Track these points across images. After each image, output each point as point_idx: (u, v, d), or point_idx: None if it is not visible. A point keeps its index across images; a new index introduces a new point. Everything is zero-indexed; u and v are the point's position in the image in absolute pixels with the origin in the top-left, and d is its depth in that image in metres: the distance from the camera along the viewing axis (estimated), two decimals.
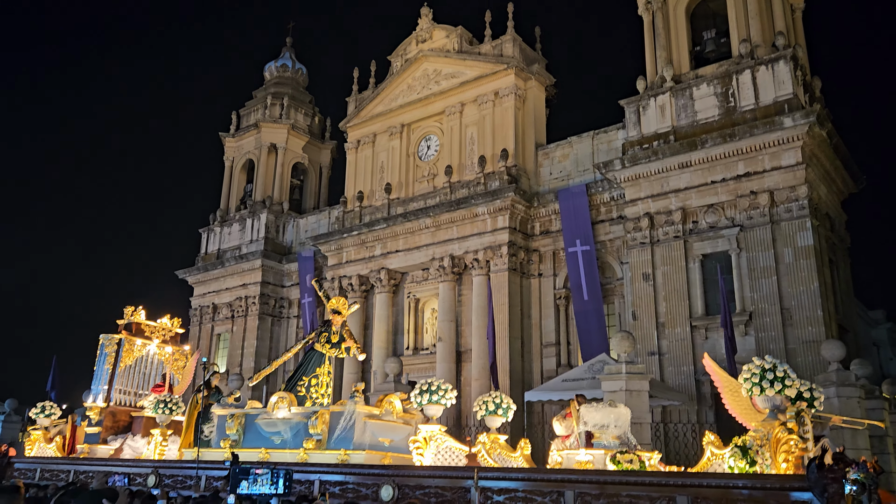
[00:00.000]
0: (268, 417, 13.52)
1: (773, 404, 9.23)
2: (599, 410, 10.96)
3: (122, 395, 19.59)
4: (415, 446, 12.04)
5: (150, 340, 20.35)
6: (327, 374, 14.74)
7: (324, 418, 12.89)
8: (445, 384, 12.53)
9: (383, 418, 13.06)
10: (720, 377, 10.80)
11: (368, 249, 31.34)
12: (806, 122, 21.03)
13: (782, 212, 21.51)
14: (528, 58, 30.50)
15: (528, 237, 28.00)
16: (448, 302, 28.43)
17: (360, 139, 33.87)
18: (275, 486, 6.02)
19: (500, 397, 12.65)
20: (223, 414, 14.56)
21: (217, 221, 39.21)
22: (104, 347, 19.75)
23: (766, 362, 9.21)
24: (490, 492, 10.10)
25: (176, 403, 16.86)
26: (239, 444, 13.88)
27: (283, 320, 36.48)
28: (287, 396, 13.52)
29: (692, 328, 22.17)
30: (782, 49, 22.68)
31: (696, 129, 23.45)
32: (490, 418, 12.54)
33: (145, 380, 20.15)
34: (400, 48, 33.69)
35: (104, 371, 19.45)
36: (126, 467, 15.38)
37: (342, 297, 15.84)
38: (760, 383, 9.09)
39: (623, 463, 9.94)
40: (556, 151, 28.91)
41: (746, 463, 9.11)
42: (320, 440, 12.76)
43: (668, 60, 24.98)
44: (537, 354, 26.63)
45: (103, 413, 18.86)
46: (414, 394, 12.50)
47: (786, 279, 20.99)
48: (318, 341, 14.71)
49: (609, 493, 9.18)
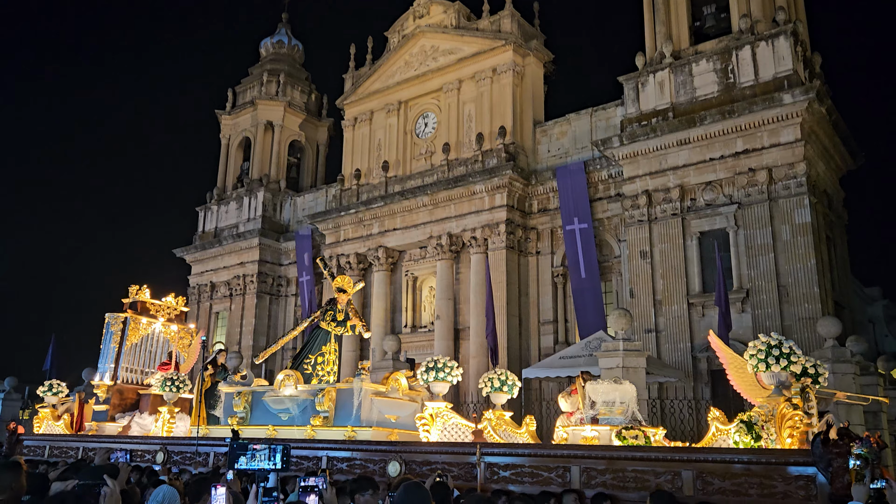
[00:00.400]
0: (275, 395, 13.62)
1: (778, 380, 9.26)
2: (605, 387, 10.99)
3: (129, 374, 19.72)
4: (421, 423, 12.11)
5: (155, 319, 20.44)
6: (333, 352, 14.81)
7: (330, 395, 13.04)
8: (451, 361, 12.59)
9: (389, 395, 13.18)
10: (725, 354, 10.81)
11: (366, 228, 31.29)
12: (805, 99, 20.92)
13: (780, 189, 21.48)
14: (526, 34, 30.22)
15: (525, 215, 27.96)
16: (446, 280, 28.46)
17: (357, 116, 33.66)
18: (272, 461, 6.06)
19: (505, 374, 12.67)
20: (230, 391, 14.69)
21: (214, 200, 39.08)
22: (110, 326, 19.82)
23: (771, 339, 9.23)
24: (496, 467, 10.16)
25: (183, 381, 16.97)
26: (246, 421, 14.03)
27: (280, 298, 36.52)
28: (293, 374, 13.63)
29: (689, 305, 22.24)
30: (783, 24, 22.49)
31: (695, 106, 23.33)
32: (495, 395, 12.57)
33: (151, 358, 20.27)
34: (397, 24, 33.36)
35: (110, 349, 19.54)
36: (134, 444, 15.59)
37: (347, 276, 15.83)
38: (766, 359, 9.12)
39: (628, 439, 9.99)
40: (555, 129, 28.77)
41: (751, 438, 9.14)
42: (327, 417, 12.93)
43: (668, 36, 24.77)
44: (535, 332, 26.72)
45: (110, 391, 19.02)
46: (420, 371, 12.55)
47: (783, 256, 21.01)
48: (323, 319, 14.74)
49: (615, 469, 9.23)
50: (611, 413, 10.75)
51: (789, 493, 8.06)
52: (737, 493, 8.37)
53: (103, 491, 4.22)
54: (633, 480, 8.92)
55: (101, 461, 9.97)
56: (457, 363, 12.81)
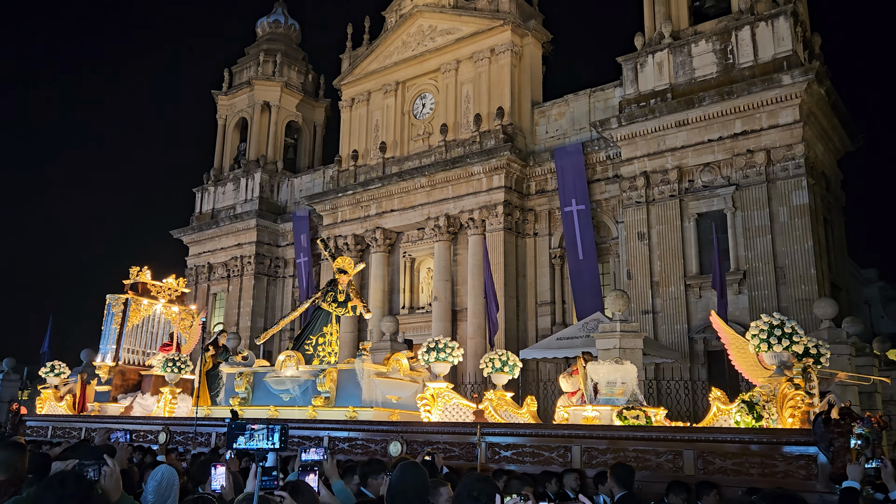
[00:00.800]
0: (276, 375, 13.63)
1: (780, 360, 9.26)
2: (606, 367, 11.02)
3: (130, 355, 19.71)
4: (422, 403, 12.12)
5: (156, 300, 20.39)
6: (334, 332, 14.81)
7: (332, 376, 13.04)
8: (452, 342, 12.58)
9: (391, 376, 13.20)
10: (727, 334, 10.84)
11: (363, 209, 31.25)
12: (805, 80, 20.84)
13: (778, 170, 21.46)
14: (524, 13, 29.99)
15: (523, 196, 27.92)
16: (443, 261, 28.48)
17: (355, 97, 33.48)
18: (271, 440, 6.11)
19: (506, 355, 12.70)
20: (231, 372, 14.68)
21: (211, 181, 38.96)
22: (111, 307, 19.78)
23: (773, 318, 9.23)
24: (498, 447, 10.20)
25: (184, 362, 16.96)
26: (248, 401, 14.06)
27: (278, 280, 36.55)
28: (294, 355, 13.63)
29: (686, 287, 22.30)
30: (782, 4, 22.34)
31: (694, 87, 23.23)
32: (496, 375, 12.60)
33: (153, 339, 20.25)
34: (395, 3, 33.07)
35: (112, 331, 19.51)
36: (137, 425, 15.65)
37: (348, 257, 15.80)
38: (768, 339, 9.12)
39: (629, 419, 10.02)
40: (553, 110, 28.65)
41: (753, 418, 9.15)
42: (328, 398, 12.94)
43: (667, 16, 24.60)
44: (532, 313, 26.80)
45: (112, 372, 19.02)
46: (421, 351, 12.56)
47: (780, 238, 21.04)
48: (324, 300, 14.70)
49: (616, 449, 9.25)
50: (612, 393, 10.77)
51: (790, 472, 8.08)
52: (738, 473, 8.38)
53: (103, 470, 4.25)
54: (635, 460, 8.90)
55: (101, 441, 10.02)
56: (458, 344, 12.81)
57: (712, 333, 21.34)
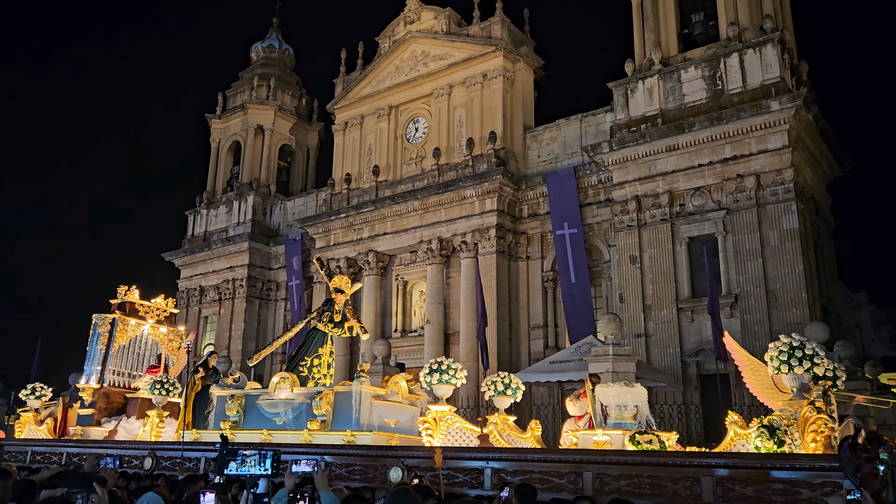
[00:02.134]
0: (269, 398, 13.11)
1: (800, 383, 9.02)
2: (616, 390, 10.73)
3: (116, 377, 19.12)
4: (424, 427, 11.76)
5: (144, 321, 19.86)
6: (329, 354, 14.36)
7: (328, 399, 12.50)
8: (455, 363, 12.26)
9: (389, 399, 12.73)
10: (741, 356, 10.63)
11: (356, 232, 31.28)
12: (793, 106, 21.13)
13: (768, 195, 21.65)
14: (516, 40, 30.36)
15: (515, 220, 28.04)
16: (436, 284, 28.47)
17: (348, 121, 33.67)
18: (263, 466, 6.05)
19: (508, 377, 12.38)
20: (222, 395, 14.13)
21: (203, 203, 38.95)
22: (97, 327, 19.20)
23: (793, 339, 9.01)
24: (504, 473, 9.80)
25: (172, 384, 16.46)
26: (239, 425, 13.53)
27: (270, 303, 36.42)
28: (289, 377, 13.11)
29: (679, 310, 22.35)
30: (770, 32, 22.71)
31: (684, 112, 23.50)
32: (498, 399, 12.27)
33: (139, 361, 19.68)
34: (388, 29, 33.42)
35: (97, 351, 18.95)
36: (121, 449, 15.05)
37: (345, 276, 15.38)
38: (789, 361, 8.89)
39: (642, 443, 9.73)
40: (545, 134, 28.89)
41: (774, 443, 8.83)
42: (325, 421, 12.41)
43: (657, 43, 24.95)
44: (525, 336, 26.77)
45: (97, 394, 18.41)
46: (423, 373, 12.24)
47: (771, 262, 21.17)
48: (320, 321, 14.27)
49: (630, 475, 8.88)
50: (622, 417, 10.49)
51: (815, 499, 7.75)
52: (759, 501, 7.99)
53: (92, 499, 4.20)
54: (650, 487, 8.54)
55: (90, 468, 9.87)
56: (461, 366, 12.50)
57: (705, 357, 21.41)
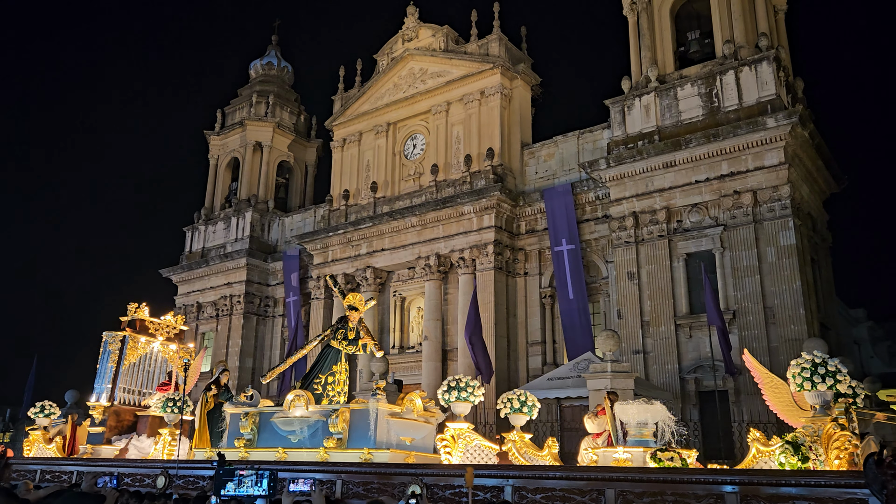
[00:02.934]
0: (284, 416, 12.98)
1: (823, 400, 8.98)
2: (636, 407, 10.65)
3: (126, 394, 18.87)
4: (442, 445, 11.62)
5: (154, 338, 19.60)
6: (344, 371, 14.20)
7: (344, 416, 12.36)
8: (473, 381, 12.14)
9: (405, 416, 12.62)
10: (760, 373, 10.63)
11: (354, 248, 31.29)
12: (788, 123, 21.25)
13: (765, 211, 21.72)
14: (513, 57, 30.57)
15: (513, 236, 28.08)
16: (434, 300, 28.45)
17: (346, 137, 33.81)
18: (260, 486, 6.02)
19: (524, 395, 12.24)
20: (236, 412, 13.94)
21: (202, 220, 38.98)
22: (108, 345, 18.96)
23: (816, 356, 8.97)
24: (525, 491, 9.69)
25: (185, 402, 16.21)
26: (253, 443, 13.43)
27: (268, 319, 36.34)
28: (304, 394, 13.03)
29: (677, 327, 22.33)
30: (765, 50, 22.90)
31: (681, 129, 23.62)
32: (514, 416, 12.11)
33: (149, 378, 19.42)
34: (386, 47, 33.65)
35: (108, 369, 18.69)
36: (133, 468, 14.84)
37: (358, 293, 15.27)
38: (812, 378, 8.85)
39: (664, 461, 9.62)
40: (542, 151, 29.01)
41: (798, 459, 8.77)
42: (341, 439, 12.27)
43: (653, 61, 25.14)
44: (523, 353, 26.72)
45: (107, 412, 18.16)
46: (441, 390, 12.14)
47: (769, 278, 21.20)
48: (334, 338, 14.16)
49: (653, 492, 8.77)
50: (641, 434, 10.38)
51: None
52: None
53: None
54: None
55: (88, 486, 9.81)
56: (479, 383, 12.33)
57: (703, 373, 21.36)
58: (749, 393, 20.41)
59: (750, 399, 20.19)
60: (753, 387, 20.51)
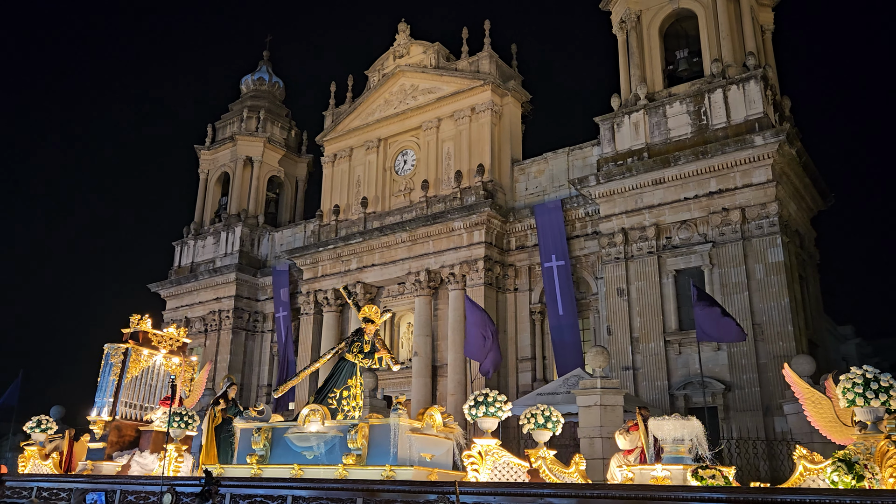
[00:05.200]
0: (299, 431, 12.49)
1: (875, 416, 8.73)
2: (671, 423, 10.38)
3: (128, 409, 18.18)
4: (469, 461, 11.19)
5: (156, 351, 18.95)
6: (359, 385, 13.79)
7: (363, 432, 11.89)
8: (501, 395, 11.79)
9: (425, 432, 12.18)
10: (801, 389, 10.43)
11: (344, 263, 31.23)
12: (776, 141, 21.45)
13: (753, 228, 21.86)
14: (504, 74, 30.77)
15: (503, 252, 28.11)
16: (424, 316, 28.39)
17: (337, 153, 33.85)
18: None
19: (549, 410, 11.84)
20: (247, 427, 13.45)
21: (191, 234, 38.82)
22: (109, 357, 18.29)
23: (867, 371, 8.77)
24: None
25: (192, 417, 15.66)
26: (266, 459, 12.95)
27: (256, 334, 36.13)
28: (320, 409, 12.55)
29: (666, 343, 22.36)
30: (753, 69, 23.16)
31: (670, 147, 23.79)
32: (538, 432, 11.71)
33: (151, 392, 18.76)
34: (377, 63, 33.81)
35: (109, 382, 17.98)
36: (136, 485, 14.32)
37: (374, 305, 14.66)
38: (864, 394, 8.62)
39: (706, 479, 9.29)
40: (532, 167, 29.14)
41: (853, 478, 8.41)
42: (360, 455, 11.77)
43: (642, 79, 25.36)
44: (513, 369, 26.66)
45: (108, 427, 17.54)
46: (468, 405, 11.75)
47: (757, 295, 21.29)
48: (349, 351, 13.77)
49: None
50: (678, 451, 10.12)
51: None
52: None
53: None
54: None
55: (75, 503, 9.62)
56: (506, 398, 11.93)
57: (693, 390, 21.38)
58: (738, 409, 20.46)
59: (739, 416, 20.23)
60: (743, 403, 20.64)
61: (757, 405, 20.24)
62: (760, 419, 19.92)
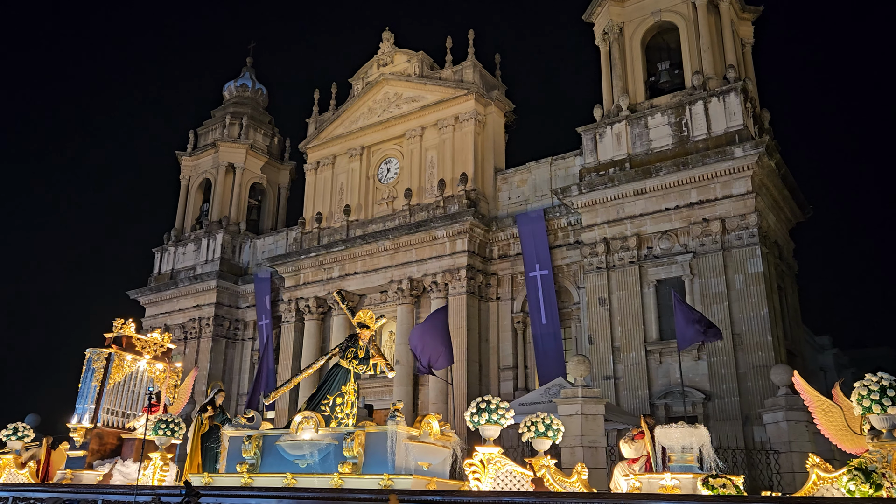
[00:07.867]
0: (292, 439, 12.18)
1: (891, 423, 8.71)
2: (679, 431, 10.33)
3: (110, 416, 17.66)
4: (471, 470, 11.03)
5: (140, 356, 18.41)
6: (353, 392, 13.45)
7: (359, 440, 11.55)
8: (503, 402, 11.55)
9: (423, 440, 11.92)
10: (811, 397, 10.39)
11: (326, 271, 31.09)
12: (756, 153, 21.71)
13: (733, 239, 22.07)
14: (488, 84, 30.90)
15: (486, 261, 28.15)
16: (406, 325, 28.30)
17: (320, 160, 33.75)
18: None
19: (549, 418, 11.68)
20: (237, 435, 13.05)
21: (172, 241, 38.47)
22: (91, 362, 17.78)
23: (883, 378, 8.75)
24: None
25: (178, 424, 15.31)
26: (257, 468, 12.63)
27: (237, 342, 35.83)
28: (313, 416, 12.22)
29: (647, 352, 22.47)
30: (733, 81, 23.44)
31: (651, 158, 23.99)
32: (538, 441, 11.54)
33: (133, 399, 18.21)
34: (361, 71, 33.81)
35: (91, 388, 17.45)
36: (118, 495, 13.89)
37: (369, 310, 14.39)
38: (881, 401, 8.59)
39: (717, 487, 9.25)
40: (515, 176, 29.24)
41: (870, 487, 8.34)
42: (356, 464, 11.46)
43: (624, 90, 25.58)
44: (495, 378, 26.66)
45: (89, 435, 17.00)
46: (470, 413, 11.54)
47: (737, 305, 21.48)
48: (343, 357, 13.46)
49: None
50: (685, 460, 10.06)
51: None
52: None
53: None
54: None
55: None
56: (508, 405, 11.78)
57: (674, 399, 21.49)
58: (718, 419, 20.58)
59: (719, 425, 20.34)
60: (723, 413, 20.77)
61: (736, 414, 20.39)
62: (740, 428, 20.06)
